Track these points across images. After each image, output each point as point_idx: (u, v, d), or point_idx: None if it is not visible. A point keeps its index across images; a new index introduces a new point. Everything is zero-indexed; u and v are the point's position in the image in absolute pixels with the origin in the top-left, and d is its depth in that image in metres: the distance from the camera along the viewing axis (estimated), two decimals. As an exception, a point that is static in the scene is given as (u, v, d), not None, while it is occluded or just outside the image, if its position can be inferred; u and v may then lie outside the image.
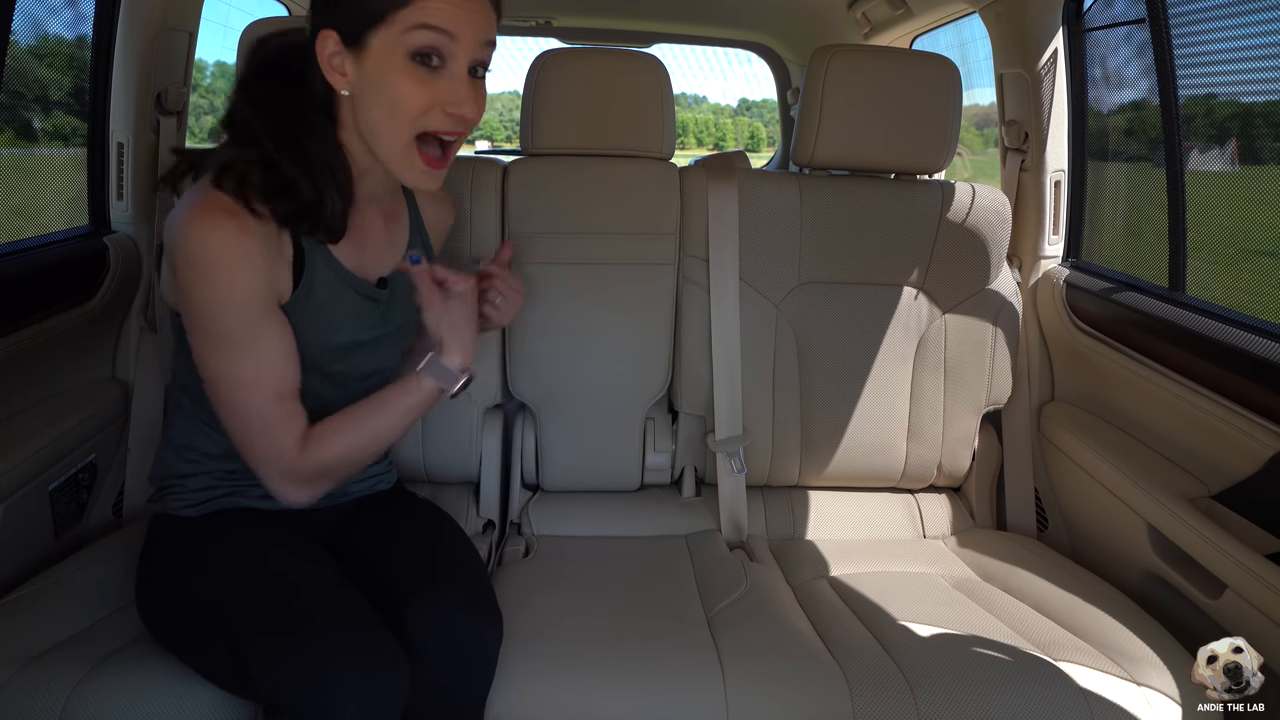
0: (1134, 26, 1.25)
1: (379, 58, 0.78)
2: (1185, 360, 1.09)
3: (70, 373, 1.24)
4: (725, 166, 1.36)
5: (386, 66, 0.78)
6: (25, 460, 1.05)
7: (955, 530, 1.37)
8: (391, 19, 0.77)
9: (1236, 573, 0.94)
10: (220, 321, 0.79)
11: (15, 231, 1.18)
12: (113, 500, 1.27)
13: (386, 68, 0.78)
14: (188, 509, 0.92)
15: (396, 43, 0.78)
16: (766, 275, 1.31)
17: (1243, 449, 0.99)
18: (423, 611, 0.83)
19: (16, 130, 1.23)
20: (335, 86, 0.81)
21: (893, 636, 1.00)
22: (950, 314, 1.33)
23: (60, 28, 1.22)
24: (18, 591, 0.99)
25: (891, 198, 1.31)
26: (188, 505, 0.92)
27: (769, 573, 1.17)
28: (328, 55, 0.79)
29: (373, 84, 0.79)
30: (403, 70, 0.78)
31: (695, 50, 3.39)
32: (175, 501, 0.92)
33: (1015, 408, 1.38)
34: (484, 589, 0.90)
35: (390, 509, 1.02)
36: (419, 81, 0.79)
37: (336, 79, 0.80)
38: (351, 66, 0.80)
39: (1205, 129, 1.25)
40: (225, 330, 0.79)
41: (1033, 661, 0.95)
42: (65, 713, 0.81)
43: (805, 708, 0.90)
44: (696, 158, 2.68)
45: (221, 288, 0.78)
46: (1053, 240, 1.40)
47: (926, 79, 1.26)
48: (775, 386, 1.32)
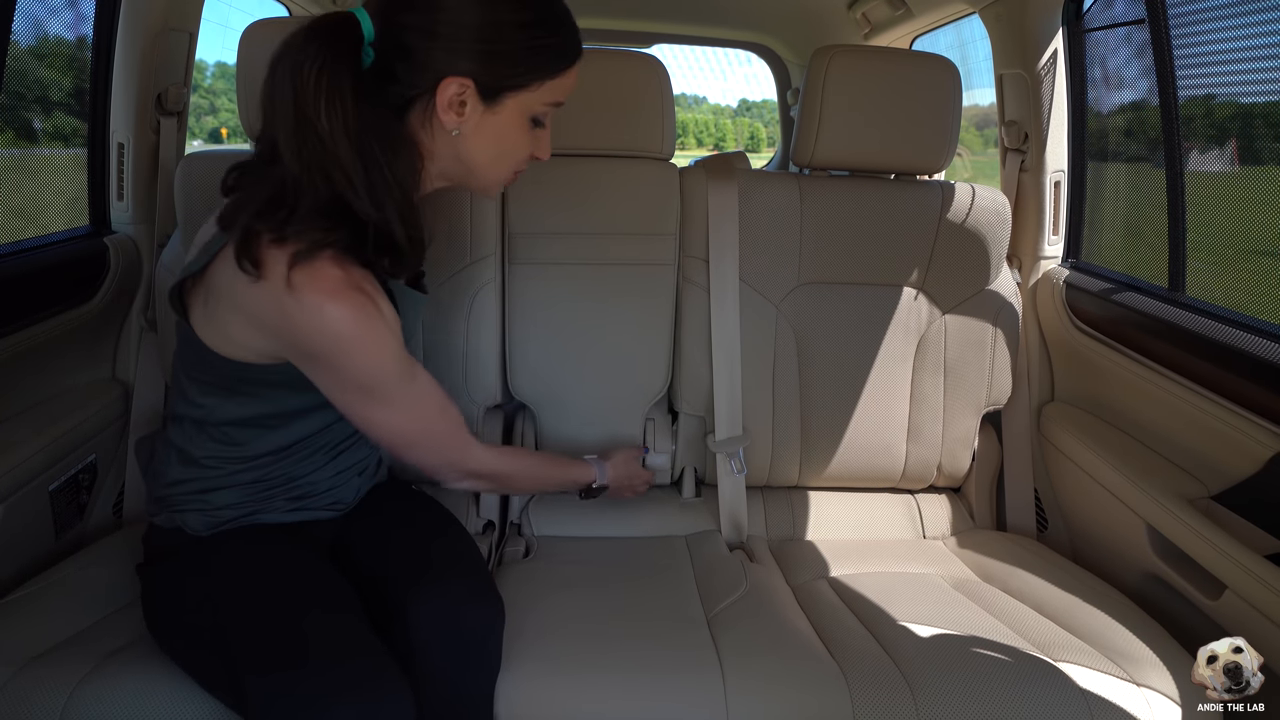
0: (1134, 27, 1.25)
1: (509, 115, 0.83)
2: (1185, 360, 1.09)
3: (70, 373, 1.24)
4: (725, 166, 1.36)
5: (510, 124, 0.84)
6: (25, 460, 1.05)
7: (955, 531, 1.37)
8: (535, 88, 0.83)
9: (1236, 573, 0.94)
10: (379, 385, 0.82)
11: (16, 232, 1.19)
12: (113, 500, 1.27)
13: (511, 124, 0.84)
14: (203, 530, 0.90)
15: (527, 107, 0.84)
16: (766, 275, 1.31)
17: (1243, 449, 0.99)
18: (424, 604, 0.83)
19: (17, 130, 1.23)
20: (445, 125, 0.81)
21: (893, 637, 1.00)
22: (950, 314, 1.33)
23: (60, 28, 1.23)
24: (18, 591, 0.99)
25: (891, 198, 1.31)
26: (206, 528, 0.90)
27: (769, 573, 1.17)
28: (448, 98, 0.79)
29: (490, 132, 0.83)
30: (521, 128, 0.85)
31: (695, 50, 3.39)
32: (194, 520, 0.90)
33: (1015, 408, 1.38)
34: (483, 578, 0.91)
35: (387, 508, 1.02)
36: (530, 137, 0.87)
37: (450, 119, 0.81)
38: (474, 114, 0.81)
39: (1205, 129, 1.25)
40: (384, 390, 0.83)
41: (1033, 662, 0.95)
42: (65, 713, 0.81)
43: (805, 708, 0.90)
44: (696, 158, 2.68)
45: (374, 358, 0.80)
46: (1052, 241, 1.40)
47: (926, 79, 1.27)
48: (775, 387, 1.32)
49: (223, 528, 0.91)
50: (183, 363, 0.89)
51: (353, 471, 1.00)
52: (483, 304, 1.28)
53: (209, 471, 0.90)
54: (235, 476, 0.90)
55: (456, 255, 1.28)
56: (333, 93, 0.74)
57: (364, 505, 1.02)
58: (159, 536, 0.92)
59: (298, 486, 0.94)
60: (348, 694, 0.72)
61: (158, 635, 0.87)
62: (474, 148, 0.84)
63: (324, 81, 0.74)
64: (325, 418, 0.92)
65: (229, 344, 0.83)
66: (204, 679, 0.82)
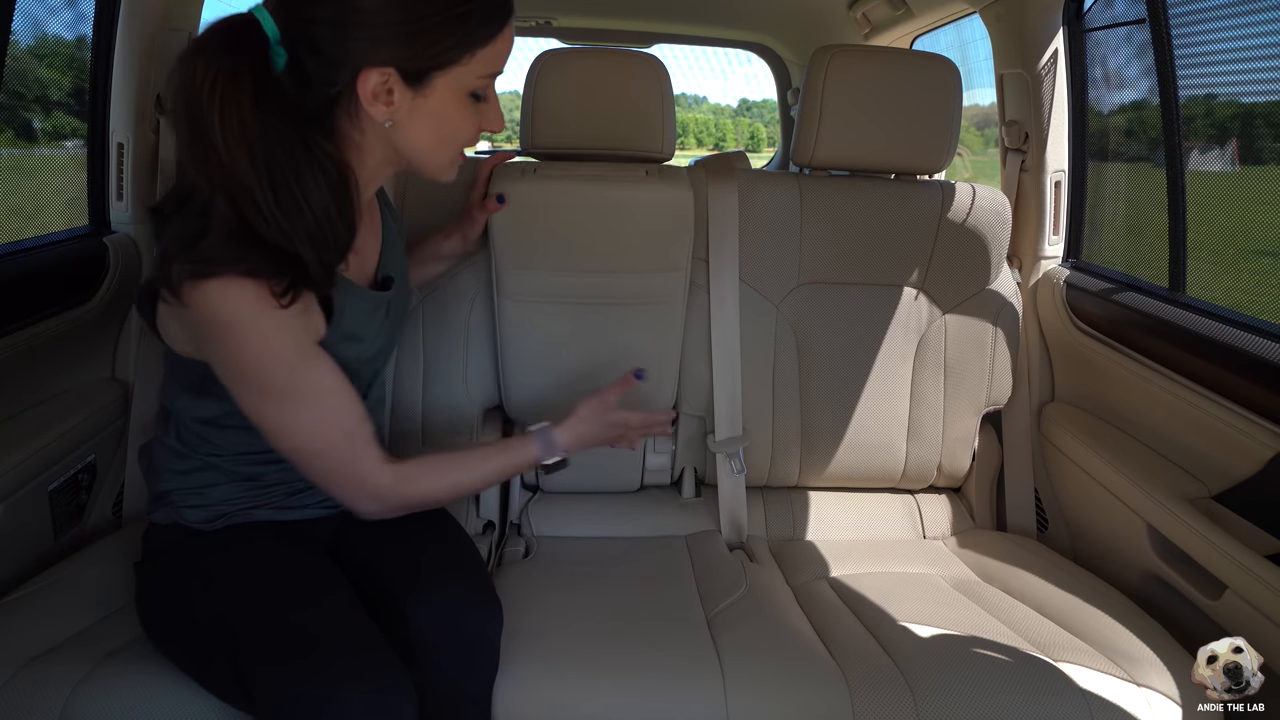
0: (1134, 27, 1.25)
1: (441, 96, 0.78)
2: (1185, 360, 1.09)
3: (70, 373, 1.24)
4: (725, 166, 1.36)
5: (446, 104, 0.79)
6: (25, 460, 1.05)
7: (955, 531, 1.37)
8: (466, 61, 0.77)
9: (1236, 573, 0.94)
10: (268, 377, 0.77)
11: (15, 232, 1.19)
12: (112, 500, 1.27)
13: (446, 105, 0.79)
14: (203, 524, 0.90)
15: (461, 83, 0.78)
16: (766, 275, 1.31)
17: (1243, 449, 0.99)
18: (422, 607, 0.83)
19: (16, 130, 1.23)
20: (375, 118, 0.77)
21: (893, 637, 1.00)
22: (950, 314, 1.33)
23: (60, 28, 1.23)
24: (18, 591, 0.98)
25: (891, 198, 1.31)
26: (206, 520, 0.90)
27: (769, 573, 1.17)
28: (371, 90, 0.75)
29: (425, 117, 0.79)
30: (460, 105, 0.80)
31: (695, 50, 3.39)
32: (194, 514, 0.90)
33: (1015, 408, 1.38)
34: (481, 579, 0.90)
35: None
36: (472, 113, 0.82)
37: (380, 111, 0.77)
38: (403, 101, 0.77)
39: (1205, 129, 1.25)
40: (275, 385, 0.78)
41: (1033, 662, 0.95)
42: (65, 713, 0.81)
43: (805, 708, 0.90)
44: (696, 158, 2.69)
45: (256, 344, 0.75)
46: (1053, 240, 1.40)
47: (926, 79, 1.26)
48: (775, 387, 1.32)
49: (220, 522, 0.91)
50: (166, 366, 0.91)
51: None
52: (484, 305, 1.28)
53: (198, 467, 0.90)
54: (225, 473, 0.91)
55: (457, 256, 1.28)
56: (227, 101, 0.69)
57: None
58: (157, 534, 0.92)
59: (293, 485, 0.94)
60: (356, 684, 0.72)
61: (153, 633, 0.87)
62: (412, 136, 0.80)
63: (218, 89, 0.69)
64: None
65: (178, 340, 0.83)
66: (203, 674, 0.82)
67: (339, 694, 0.71)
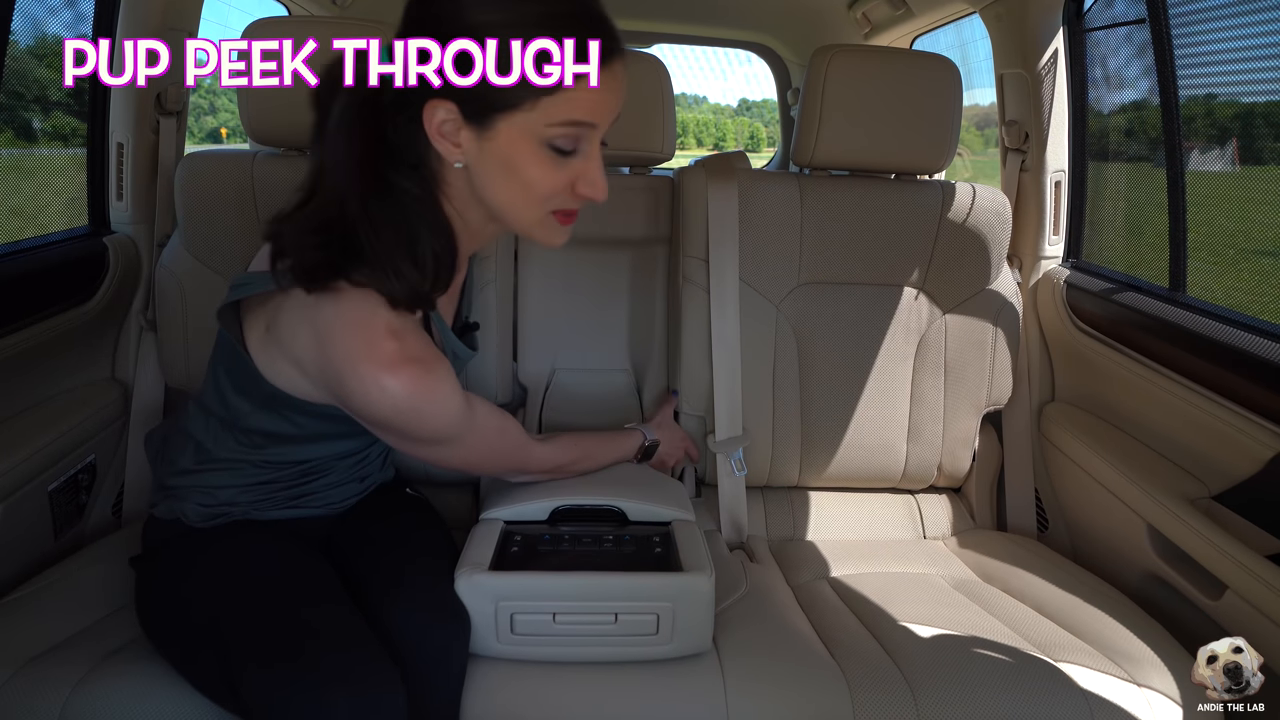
0: (1134, 26, 1.25)
1: (508, 142, 0.72)
2: (1185, 360, 1.09)
3: (70, 373, 1.24)
4: (725, 166, 1.36)
5: (516, 152, 0.72)
6: (25, 460, 1.05)
7: (955, 531, 1.37)
8: (530, 107, 0.70)
9: (1236, 573, 0.94)
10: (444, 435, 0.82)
11: (15, 232, 1.18)
12: (112, 501, 1.27)
13: (516, 153, 0.72)
14: (202, 521, 0.90)
15: (531, 131, 0.71)
16: (766, 275, 1.31)
17: (1243, 449, 0.99)
18: (388, 616, 0.83)
19: (16, 130, 1.23)
20: (446, 157, 0.73)
21: (893, 637, 1.00)
22: (950, 314, 1.33)
23: (60, 28, 1.23)
24: (18, 591, 0.98)
25: (891, 198, 1.31)
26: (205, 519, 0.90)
27: (769, 573, 1.17)
28: (437, 124, 0.71)
29: (498, 164, 0.73)
30: (535, 157, 0.73)
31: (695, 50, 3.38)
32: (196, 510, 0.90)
33: (1015, 408, 1.38)
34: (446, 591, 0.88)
35: (378, 507, 1.02)
36: (554, 166, 0.74)
37: (449, 149, 0.73)
38: (469, 142, 0.72)
39: (1205, 129, 1.25)
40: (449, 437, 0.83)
41: (1033, 662, 0.95)
42: (65, 713, 0.81)
43: (805, 708, 0.89)
44: (696, 158, 2.68)
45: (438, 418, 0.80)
46: (1053, 240, 1.40)
47: (926, 79, 1.26)
48: (775, 387, 1.32)
49: (219, 520, 0.91)
50: (223, 361, 0.86)
51: (356, 475, 1.00)
52: (486, 303, 1.28)
53: (223, 467, 0.90)
54: (247, 476, 0.90)
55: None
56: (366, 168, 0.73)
57: (359, 503, 1.02)
58: (156, 529, 0.92)
59: (299, 489, 0.94)
60: (343, 682, 0.72)
61: (150, 631, 0.87)
62: (485, 182, 0.75)
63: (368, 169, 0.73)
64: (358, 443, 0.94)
65: (280, 377, 0.82)
66: (193, 675, 0.82)
67: (326, 695, 0.71)
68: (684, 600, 0.89)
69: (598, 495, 1.07)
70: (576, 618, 0.89)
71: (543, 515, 1.04)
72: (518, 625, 0.89)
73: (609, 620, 0.89)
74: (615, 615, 0.89)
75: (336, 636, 0.76)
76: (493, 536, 0.97)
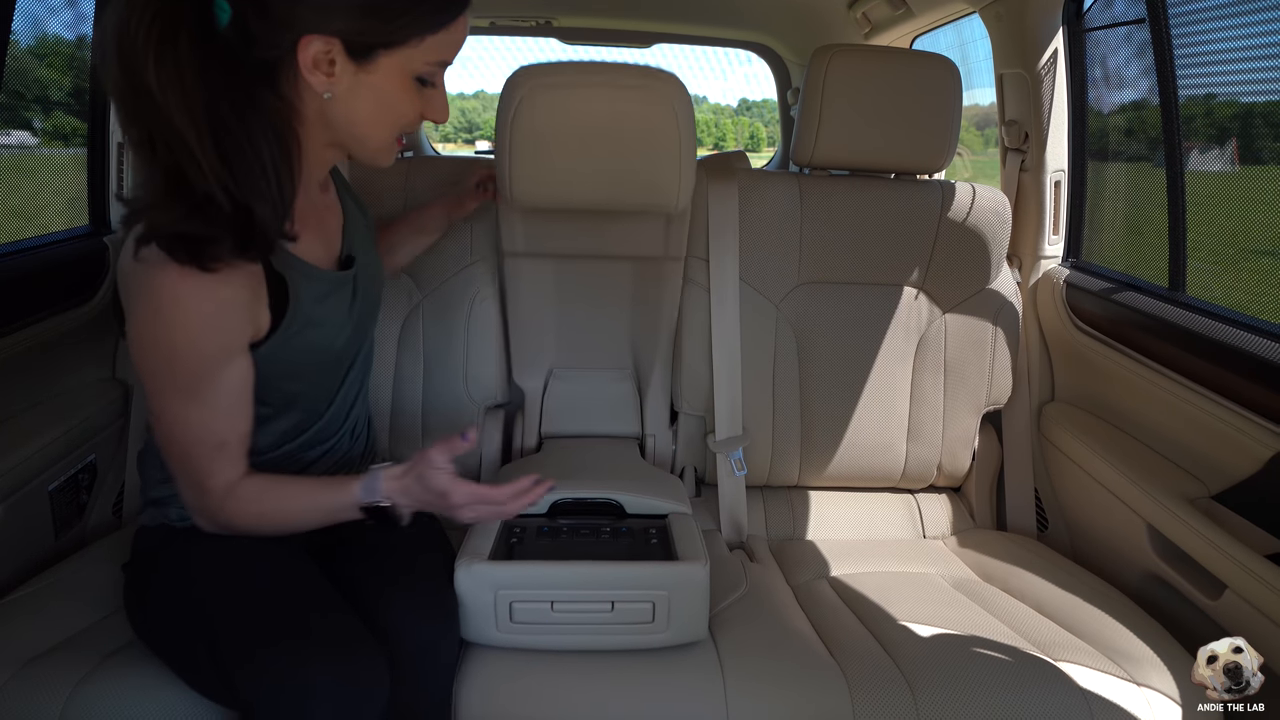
0: (1134, 26, 1.25)
1: (385, 75, 0.77)
2: (1185, 360, 1.09)
3: (70, 373, 1.24)
4: (725, 166, 1.36)
5: (389, 85, 0.78)
6: (25, 460, 1.05)
7: (955, 530, 1.37)
8: (415, 44, 0.76)
9: (1236, 573, 0.94)
10: (179, 368, 0.76)
11: (15, 232, 1.18)
12: (113, 500, 1.27)
13: (390, 84, 0.78)
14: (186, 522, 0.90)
15: (407, 66, 0.77)
16: (766, 275, 1.31)
17: (1243, 449, 0.99)
18: (379, 616, 0.83)
19: (17, 129, 1.23)
20: (315, 87, 0.75)
21: (893, 637, 1.00)
22: (950, 314, 1.33)
23: (60, 28, 1.23)
24: (18, 591, 0.99)
25: (891, 198, 1.31)
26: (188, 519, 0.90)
27: (769, 573, 1.17)
28: (311, 58, 0.73)
29: (366, 94, 0.77)
30: (404, 88, 0.79)
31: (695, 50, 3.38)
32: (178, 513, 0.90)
33: (1015, 408, 1.38)
34: (434, 593, 0.88)
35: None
36: (416, 97, 0.80)
37: (318, 80, 0.75)
38: (345, 75, 0.75)
39: (1205, 129, 1.25)
40: (182, 378, 0.76)
41: (1033, 661, 0.95)
42: (65, 713, 0.81)
43: (805, 708, 0.89)
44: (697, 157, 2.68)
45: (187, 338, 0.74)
46: (1053, 240, 1.40)
47: (926, 79, 1.26)
48: (775, 387, 1.32)
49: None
50: None
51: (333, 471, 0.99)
52: (483, 304, 1.28)
53: None
54: None
55: (456, 257, 1.28)
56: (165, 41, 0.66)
57: None
58: (144, 537, 0.92)
59: None
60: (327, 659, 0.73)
61: (142, 634, 0.87)
62: (349, 112, 0.78)
63: (155, 27, 0.66)
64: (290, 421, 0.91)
65: None
66: (186, 672, 0.82)
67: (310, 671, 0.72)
68: (679, 589, 0.91)
69: (596, 489, 1.09)
70: (574, 606, 0.90)
71: (542, 509, 1.06)
72: (517, 614, 0.90)
73: (606, 608, 0.90)
74: (612, 604, 0.90)
75: (323, 618, 0.78)
76: (493, 528, 0.99)
